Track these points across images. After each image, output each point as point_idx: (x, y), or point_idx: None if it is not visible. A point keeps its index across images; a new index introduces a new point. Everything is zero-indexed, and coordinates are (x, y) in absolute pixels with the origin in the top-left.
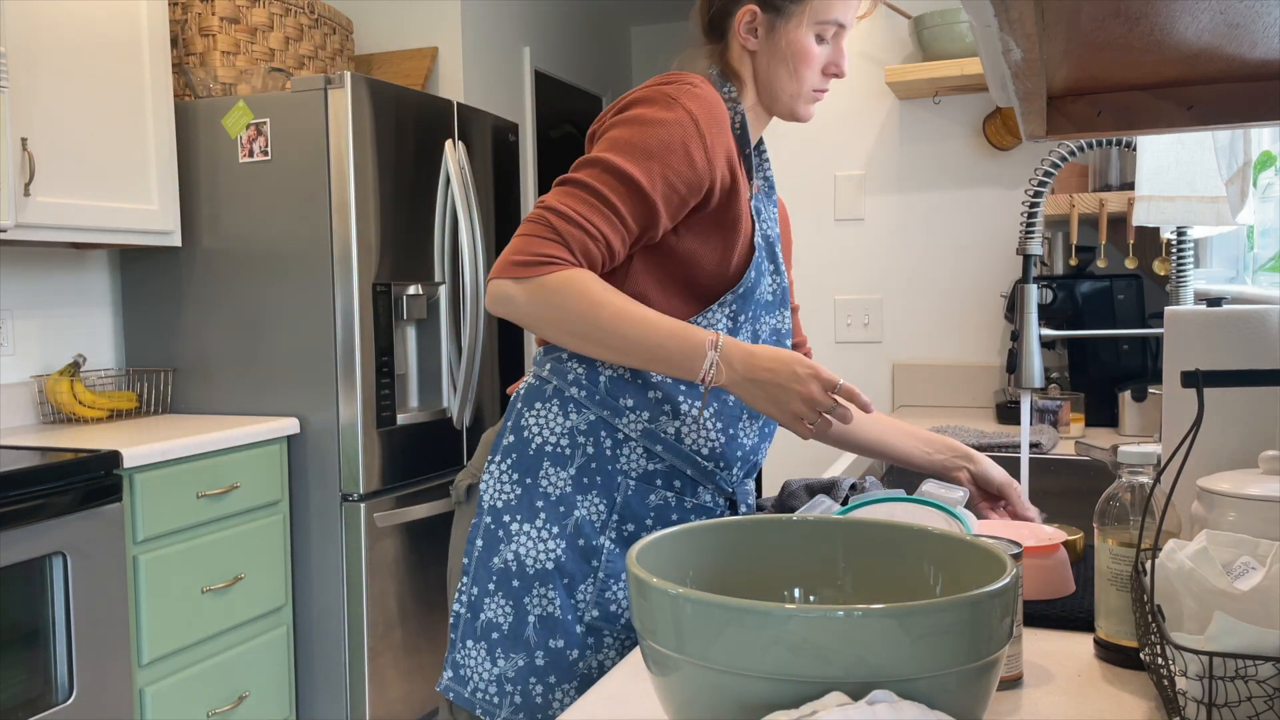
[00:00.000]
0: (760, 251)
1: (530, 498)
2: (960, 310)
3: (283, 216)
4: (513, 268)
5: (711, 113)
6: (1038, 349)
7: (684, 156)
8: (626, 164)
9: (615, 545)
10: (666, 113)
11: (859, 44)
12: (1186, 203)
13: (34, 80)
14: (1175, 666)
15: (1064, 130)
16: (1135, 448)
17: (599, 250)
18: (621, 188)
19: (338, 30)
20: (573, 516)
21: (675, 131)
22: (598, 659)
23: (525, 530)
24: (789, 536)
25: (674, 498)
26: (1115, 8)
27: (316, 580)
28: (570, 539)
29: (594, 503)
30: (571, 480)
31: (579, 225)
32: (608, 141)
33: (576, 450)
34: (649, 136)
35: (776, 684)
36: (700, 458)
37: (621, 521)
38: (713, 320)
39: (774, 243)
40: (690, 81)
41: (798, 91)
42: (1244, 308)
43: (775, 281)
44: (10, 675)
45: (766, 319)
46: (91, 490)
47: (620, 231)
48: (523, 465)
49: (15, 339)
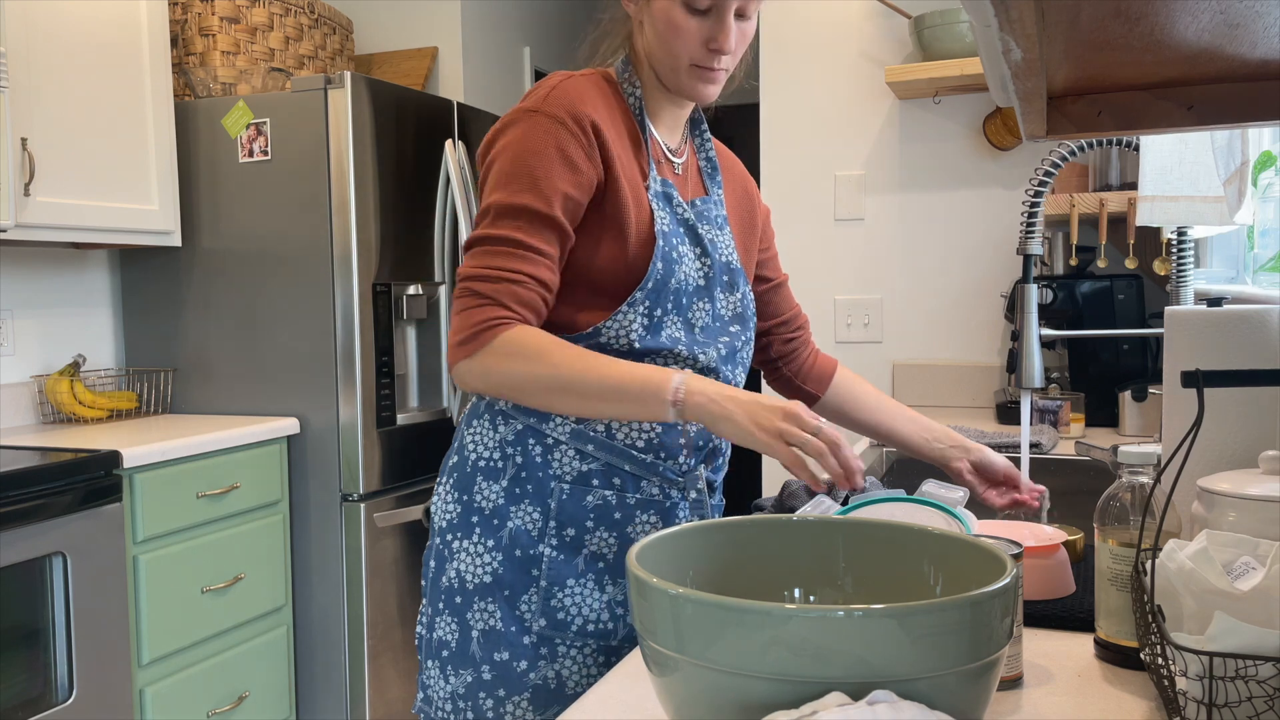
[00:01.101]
0: (669, 240)
1: (467, 514)
2: (960, 310)
3: (283, 216)
4: (459, 348)
5: (575, 107)
6: (1038, 349)
7: (564, 162)
8: (516, 198)
9: (557, 552)
10: (530, 127)
11: (859, 44)
12: (1190, 203)
13: (34, 80)
14: (1175, 666)
15: (1064, 130)
16: (1135, 448)
17: (532, 292)
18: (522, 223)
19: (338, 30)
20: (507, 528)
21: (546, 141)
22: (553, 669)
23: (465, 547)
24: (789, 536)
25: (614, 495)
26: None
27: (316, 580)
28: (506, 550)
29: (527, 512)
30: (504, 492)
31: (500, 278)
32: (491, 181)
33: (507, 462)
34: (524, 158)
35: (776, 684)
36: (636, 451)
37: (560, 527)
38: (626, 321)
39: (694, 225)
40: (547, 86)
41: (674, 65)
42: (1244, 308)
43: (704, 265)
44: (10, 675)
45: (700, 305)
46: (91, 490)
47: (542, 263)
48: (460, 483)
49: (15, 339)
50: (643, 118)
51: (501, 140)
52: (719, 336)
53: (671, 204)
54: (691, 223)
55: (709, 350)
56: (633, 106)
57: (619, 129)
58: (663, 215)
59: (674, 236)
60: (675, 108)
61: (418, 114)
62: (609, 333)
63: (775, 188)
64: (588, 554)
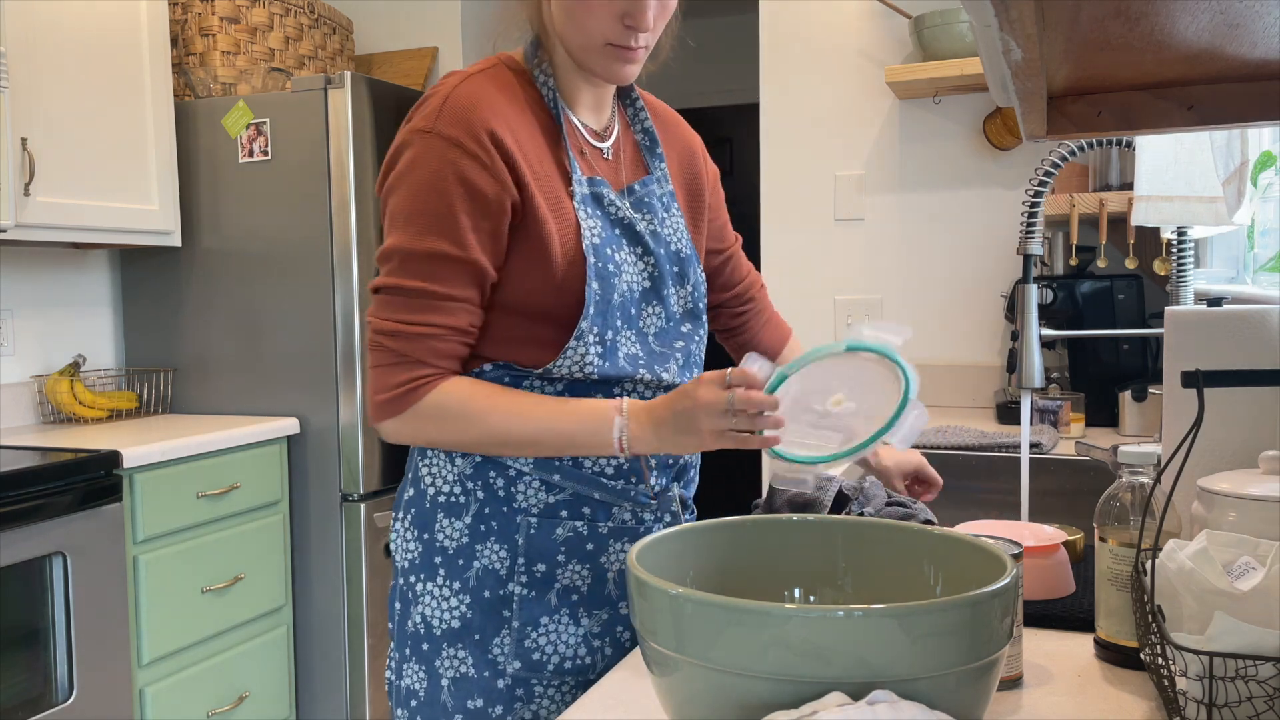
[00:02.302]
0: (601, 253)
1: (429, 554)
2: (960, 310)
3: (283, 216)
4: (382, 409)
5: (472, 122)
6: (1038, 349)
7: (468, 193)
8: (422, 242)
9: (528, 590)
10: (424, 153)
11: (859, 44)
12: (1185, 203)
13: (34, 80)
14: (1175, 666)
15: (1064, 130)
16: (1135, 448)
17: (451, 344)
18: (434, 269)
19: (338, 30)
20: (474, 568)
21: (444, 171)
22: (530, 710)
23: (429, 590)
24: (789, 536)
25: (585, 525)
26: (1115, 8)
27: (316, 580)
28: (474, 592)
29: (494, 550)
30: (467, 530)
31: (415, 335)
32: (390, 218)
33: (468, 497)
34: (423, 194)
35: (776, 684)
36: (606, 478)
37: (530, 564)
38: (578, 355)
39: (632, 223)
40: (440, 96)
41: (586, 44)
42: (1244, 308)
43: (647, 265)
44: (10, 675)
45: (650, 309)
46: (91, 490)
47: (460, 310)
48: (420, 521)
49: (15, 339)
50: (558, 107)
51: (397, 169)
52: (674, 340)
53: (603, 205)
54: (628, 221)
55: (669, 364)
56: (546, 96)
57: (531, 128)
58: (592, 225)
59: (608, 246)
60: (594, 86)
61: None
62: (561, 370)
63: (775, 188)
64: (560, 589)
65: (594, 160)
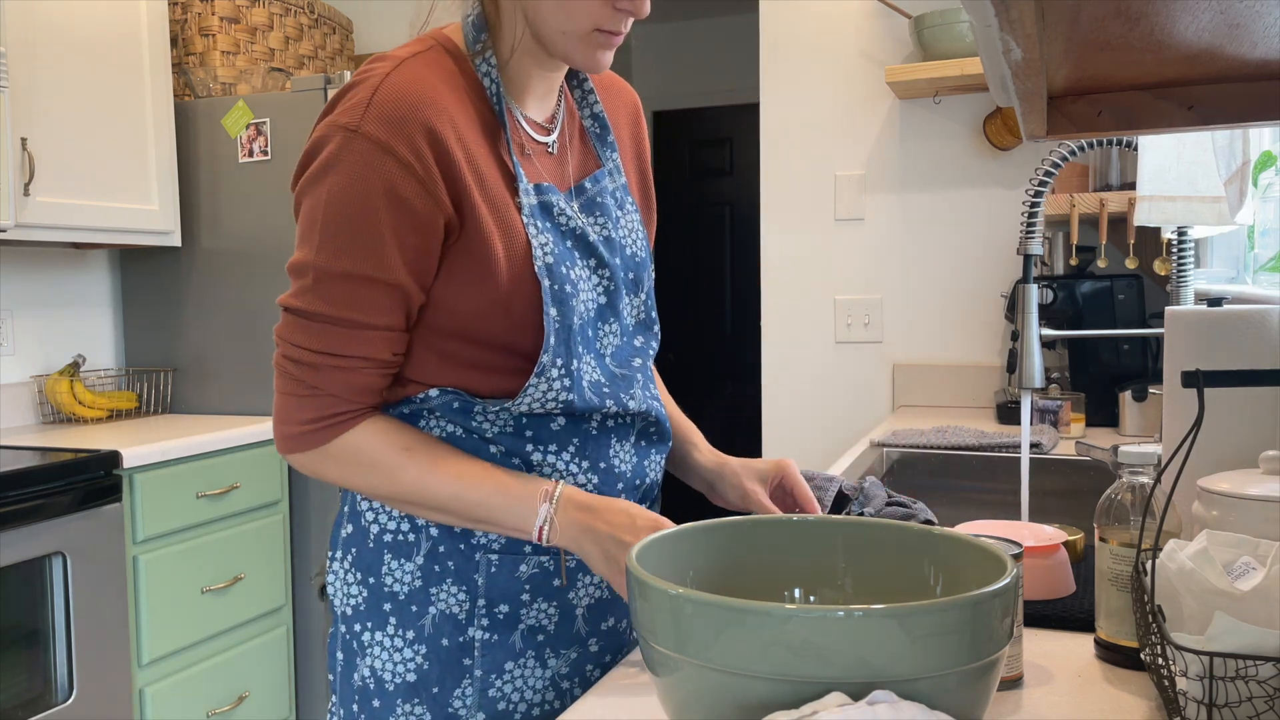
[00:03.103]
0: (555, 273)
1: (376, 600)
2: (960, 310)
3: (283, 216)
4: (289, 442)
5: (405, 123)
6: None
7: (396, 206)
8: (339, 261)
9: (490, 634)
10: (348, 158)
11: (859, 44)
12: (1187, 203)
13: (34, 80)
14: (1175, 667)
15: (1064, 130)
16: (1135, 448)
17: (369, 377)
18: (351, 292)
19: (338, 30)
20: (429, 614)
21: (371, 181)
22: None
23: (379, 640)
24: (789, 536)
25: (551, 561)
26: (1115, 8)
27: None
28: (430, 641)
29: (451, 592)
30: (420, 571)
31: (329, 367)
32: (304, 226)
33: (419, 534)
34: (344, 206)
35: (776, 684)
36: None
37: (491, 605)
38: (540, 394)
39: (583, 233)
40: (369, 88)
41: (571, 29)
42: (1244, 308)
43: (602, 278)
44: (10, 675)
45: (607, 327)
46: (91, 490)
47: (379, 339)
48: (363, 562)
49: (15, 339)
50: (500, 100)
51: (313, 170)
52: (630, 358)
53: (552, 215)
54: (580, 231)
55: (632, 389)
56: (488, 88)
57: (470, 119)
58: (543, 241)
59: (562, 264)
60: (546, 72)
61: None
62: (521, 406)
63: (775, 188)
64: (524, 629)
65: (538, 159)
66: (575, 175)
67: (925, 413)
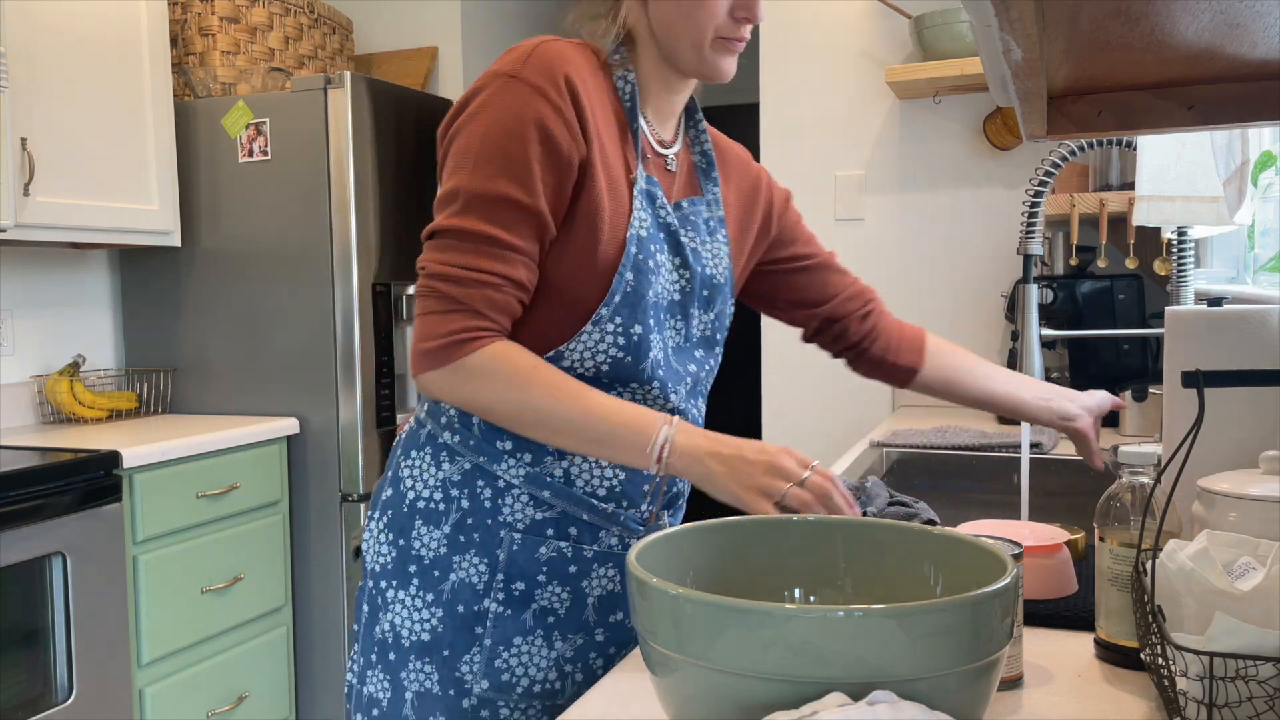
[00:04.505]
0: (645, 247)
1: (404, 561)
2: (960, 310)
3: (283, 216)
4: (426, 358)
5: (557, 73)
6: (1038, 349)
7: (545, 141)
8: (491, 184)
9: (504, 608)
10: (506, 96)
11: (859, 44)
12: (1186, 203)
13: (34, 80)
14: (1176, 667)
15: (1064, 130)
16: (1135, 448)
17: (508, 296)
18: (499, 213)
19: (338, 30)
20: (449, 581)
21: (525, 114)
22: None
23: (400, 599)
24: (789, 536)
25: (570, 547)
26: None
27: (316, 580)
28: (448, 606)
29: (473, 563)
30: (446, 540)
31: (474, 281)
32: (457, 158)
33: (450, 505)
34: (497, 136)
35: (776, 684)
36: (597, 500)
37: (509, 580)
38: (592, 342)
39: (676, 231)
40: (527, 47)
41: (697, 40)
42: (1244, 308)
43: (682, 278)
44: (10, 675)
45: (673, 323)
46: (91, 490)
47: (520, 262)
48: (396, 524)
49: (15, 339)
50: (634, 106)
51: (470, 109)
52: (686, 363)
53: (654, 205)
54: (674, 229)
55: (679, 386)
56: (622, 92)
57: (606, 111)
58: (643, 217)
59: (652, 243)
60: (671, 94)
61: (418, 114)
62: (572, 356)
63: None
64: (537, 609)
65: (656, 166)
66: (679, 194)
67: (925, 413)
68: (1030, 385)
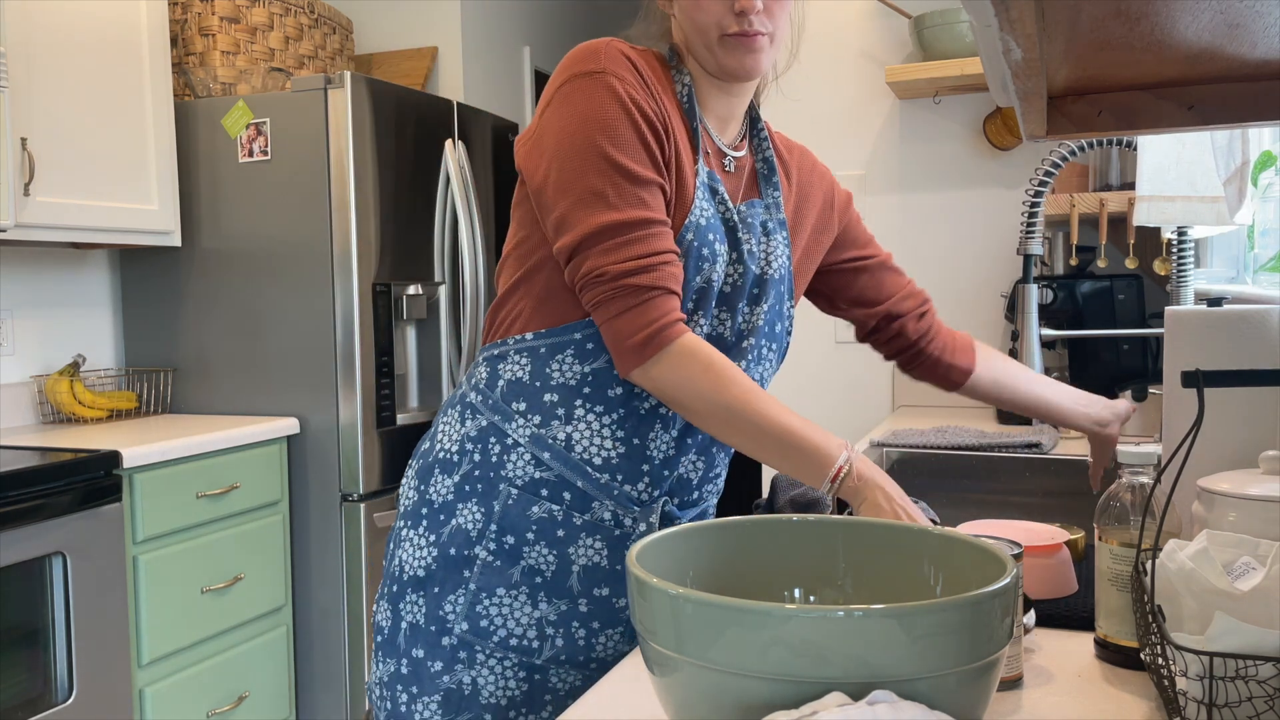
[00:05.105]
0: (703, 234)
1: (419, 504)
2: (960, 310)
3: (283, 216)
4: (635, 352)
5: (633, 58)
6: (1038, 349)
7: (643, 115)
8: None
9: (494, 558)
10: (597, 88)
11: (859, 44)
12: (1187, 203)
13: (34, 80)
14: (1176, 667)
15: (1064, 130)
16: (1135, 448)
17: (678, 267)
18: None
19: (338, 30)
20: (450, 524)
21: (624, 97)
22: (470, 675)
23: (409, 536)
24: (789, 536)
25: (561, 511)
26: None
27: (316, 580)
28: (443, 547)
29: (471, 511)
30: (454, 488)
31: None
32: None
33: (464, 457)
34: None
35: (776, 684)
36: (591, 469)
37: (501, 533)
38: None
39: (735, 226)
40: (598, 45)
41: (707, 42)
42: (1244, 308)
43: (736, 271)
44: (10, 675)
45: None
46: (91, 490)
47: (667, 233)
48: (422, 473)
49: (15, 339)
50: (692, 105)
51: (563, 90)
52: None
53: (715, 198)
54: (733, 224)
55: None
56: (680, 93)
57: (672, 104)
58: (704, 207)
59: (710, 232)
60: (728, 97)
61: (418, 114)
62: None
63: None
64: (525, 566)
65: (715, 164)
66: (743, 197)
67: (925, 413)
68: (1071, 391)
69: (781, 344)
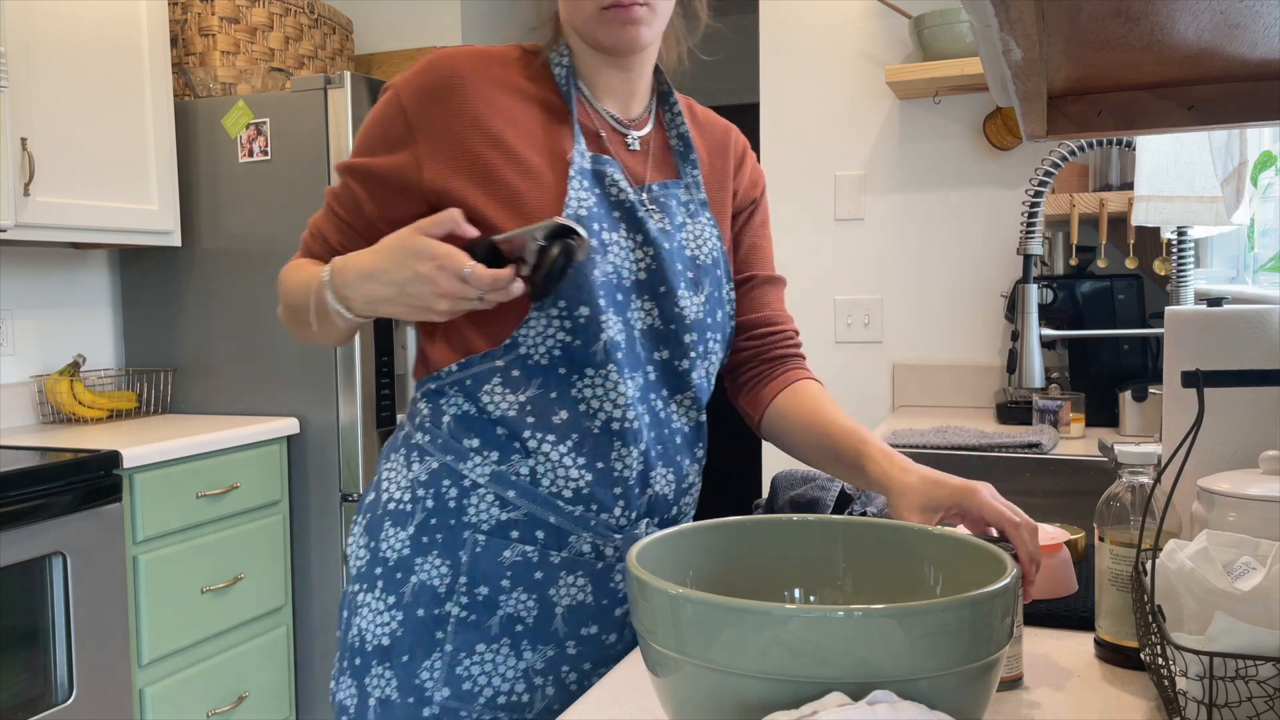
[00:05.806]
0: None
1: (373, 564)
2: (960, 310)
3: (283, 216)
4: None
5: (431, 81)
6: (1038, 349)
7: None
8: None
9: (468, 613)
10: (381, 102)
11: (859, 44)
12: (1186, 203)
13: (34, 80)
14: (1176, 667)
15: (1064, 130)
16: (1135, 448)
17: (317, 245)
18: (339, 185)
19: (338, 30)
20: (410, 583)
21: (381, 111)
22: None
23: (366, 601)
24: (789, 536)
25: (536, 552)
26: (1115, 8)
27: (316, 580)
28: (408, 609)
29: (434, 565)
30: (410, 541)
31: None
32: None
33: (417, 505)
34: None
35: (776, 684)
36: (563, 502)
37: (472, 585)
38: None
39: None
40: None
41: (585, 16)
42: (1244, 308)
43: (644, 255)
44: (10, 675)
45: (640, 304)
46: (91, 490)
47: (334, 220)
48: (370, 527)
49: (15, 339)
50: (570, 86)
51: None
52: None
53: (603, 184)
54: (630, 206)
55: (635, 375)
56: (558, 76)
57: (525, 101)
58: (582, 197)
59: (595, 221)
60: (622, 73)
61: None
62: (525, 344)
63: (775, 188)
64: (503, 616)
65: (614, 145)
66: (652, 177)
67: (925, 413)
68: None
69: (725, 332)
